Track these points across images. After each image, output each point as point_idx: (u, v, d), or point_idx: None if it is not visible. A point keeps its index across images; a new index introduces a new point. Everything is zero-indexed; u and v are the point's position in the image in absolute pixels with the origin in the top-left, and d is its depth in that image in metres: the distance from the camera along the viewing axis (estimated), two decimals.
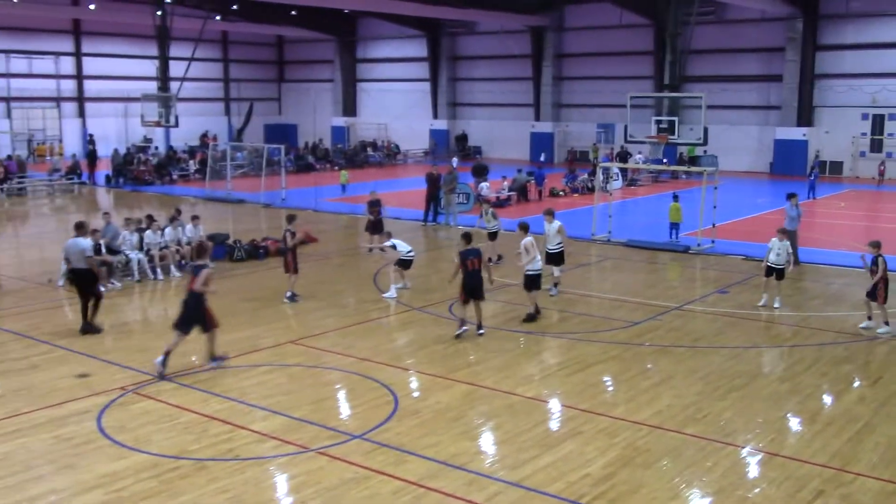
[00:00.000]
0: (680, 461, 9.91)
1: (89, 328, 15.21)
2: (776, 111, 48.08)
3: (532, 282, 16.23)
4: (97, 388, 12.25)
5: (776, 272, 17.24)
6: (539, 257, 16.30)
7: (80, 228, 15.88)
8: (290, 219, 18.15)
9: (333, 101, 66.32)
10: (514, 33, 55.70)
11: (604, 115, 52.82)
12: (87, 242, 15.53)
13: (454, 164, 36.58)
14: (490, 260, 20.75)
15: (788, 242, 17.52)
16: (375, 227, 22.73)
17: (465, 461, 9.85)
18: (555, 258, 18.14)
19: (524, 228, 16.32)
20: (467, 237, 15.34)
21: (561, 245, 18.08)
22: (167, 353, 12.81)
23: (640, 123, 30.36)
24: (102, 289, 18.43)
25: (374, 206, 23.18)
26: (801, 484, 9.31)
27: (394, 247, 18.38)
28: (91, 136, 51.54)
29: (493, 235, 21.50)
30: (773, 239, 17.40)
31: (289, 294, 17.69)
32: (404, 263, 18.47)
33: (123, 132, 55.44)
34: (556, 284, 18.31)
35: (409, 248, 18.65)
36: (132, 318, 16.49)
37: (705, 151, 43.97)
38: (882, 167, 43.57)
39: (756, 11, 46.05)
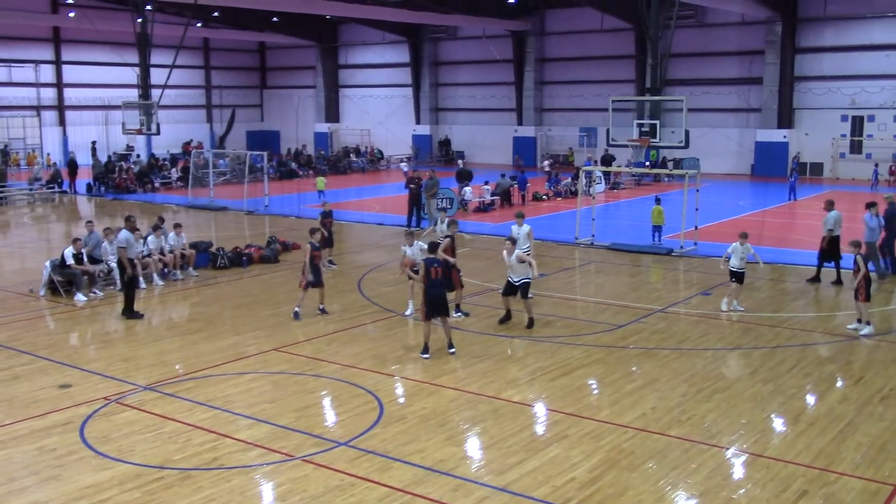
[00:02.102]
0: (665, 463, 9.94)
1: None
2: (756, 113, 48.42)
3: (512, 289, 16.09)
4: (80, 398, 12.16)
5: (736, 276, 17.21)
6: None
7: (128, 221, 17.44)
8: (313, 232, 17.22)
9: (316, 108, 66.24)
10: (495, 38, 55.84)
11: (586, 118, 53.03)
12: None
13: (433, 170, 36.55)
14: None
15: (750, 247, 17.20)
16: (328, 240, 22.17)
17: (451, 467, 9.85)
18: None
19: (513, 242, 16.10)
20: (433, 246, 15.14)
21: (529, 248, 17.58)
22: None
23: (622, 127, 30.50)
24: (84, 298, 18.44)
25: (327, 217, 22.31)
26: (786, 484, 9.36)
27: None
28: (94, 143, 51.33)
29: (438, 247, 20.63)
30: (735, 244, 17.24)
31: (321, 307, 17.12)
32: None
33: (104, 140, 55.14)
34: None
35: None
36: (114, 328, 16.39)
37: (674, 161, 44.23)
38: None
39: (736, 15, 46.40)
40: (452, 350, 14.29)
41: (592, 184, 33.80)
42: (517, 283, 15.91)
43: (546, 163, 50.43)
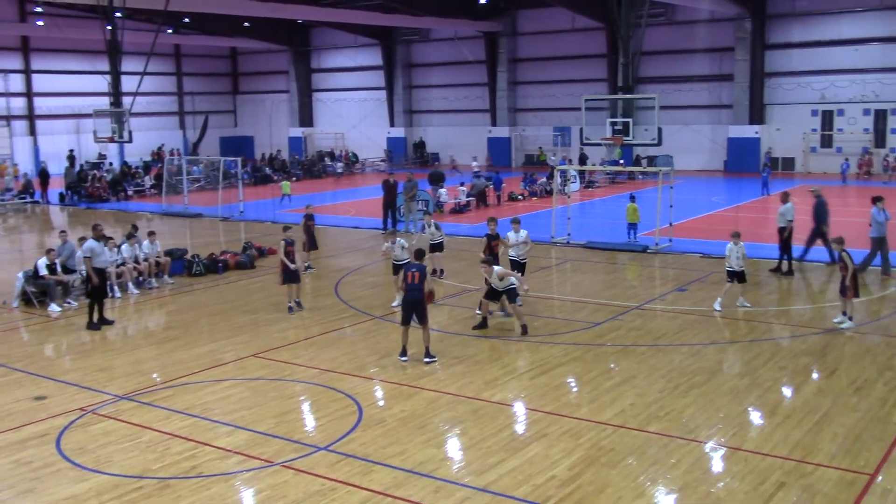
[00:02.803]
0: (644, 459, 10.00)
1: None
2: (728, 110, 48.84)
3: (499, 294, 15.96)
4: (55, 409, 12.04)
5: (737, 276, 17.17)
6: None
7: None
8: (285, 229, 18.43)
9: (290, 112, 66.03)
10: (467, 39, 55.95)
11: (560, 118, 53.24)
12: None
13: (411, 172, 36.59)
14: (434, 272, 20.62)
15: (743, 245, 17.16)
16: (311, 243, 22.38)
17: (432, 468, 9.85)
18: (520, 267, 17.51)
19: (489, 263, 15.70)
20: (419, 253, 15.21)
21: (524, 254, 17.58)
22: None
23: (595, 126, 30.60)
24: (58, 308, 18.26)
25: (310, 219, 22.60)
26: (764, 476, 9.45)
27: (392, 246, 18.12)
28: (71, 150, 50.87)
29: (438, 247, 20.68)
30: (729, 244, 17.17)
31: (297, 300, 17.95)
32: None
33: (76, 149, 54.65)
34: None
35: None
36: (89, 338, 16.24)
37: (648, 159, 44.48)
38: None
39: (705, 12, 46.72)
40: (428, 360, 13.89)
41: (567, 183, 33.94)
42: (502, 291, 15.75)
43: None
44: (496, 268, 15.58)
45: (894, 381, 12.65)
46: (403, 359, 14.06)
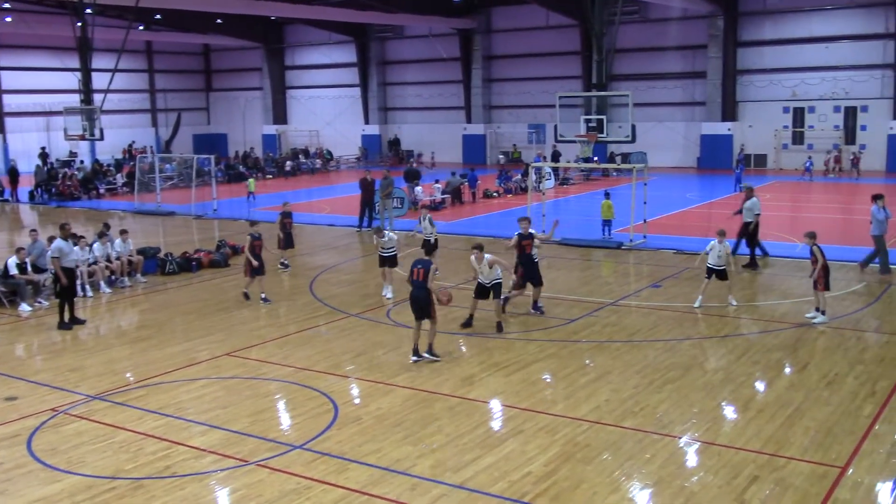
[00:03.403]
0: (619, 454, 10.05)
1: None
2: (701, 107, 49.21)
3: (484, 292, 15.70)
4: (26, 410, 11.89)
5: (717, 273, 17.21)
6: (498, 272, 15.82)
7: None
8: (253, 223, 19.28)
9: (263, 109, 65.67)
10: (442, 36, 55.92)
11: (535, 115, 53.38)
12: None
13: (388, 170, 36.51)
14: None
15: (728, 244, 17.16)
16: (288, 241, 22.13)
17: (408, 466, 9.83)
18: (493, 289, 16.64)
19: (480, 248, 15.60)
20: (427, 246, 15.53)
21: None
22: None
23: (570, 123, 30.69)
24: (29, 308, 18.05)
25: (287, 217, 22.29)
26: (737, 470, 9.52)
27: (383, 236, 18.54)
28: (43, 148, 50.39)
29: (431, 245, 20.36)
30: (713, 241, 17.17)
31: (262, 295, 18.33)
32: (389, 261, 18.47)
33: (47, 147, 54.04)
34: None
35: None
36: (61, 337, 16.06)
37: (622, 156, 44.69)
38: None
39: (678, 10, 47.06)
40: (415, 359, 13.76)
41: (542, 180, 34.02)
42: (489, 285, 15.61)
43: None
44: (487, 255, 15.44)
45: (865, 375, 12.80)
46: (414, 358, 13.79)
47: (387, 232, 18.98)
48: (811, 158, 44.27)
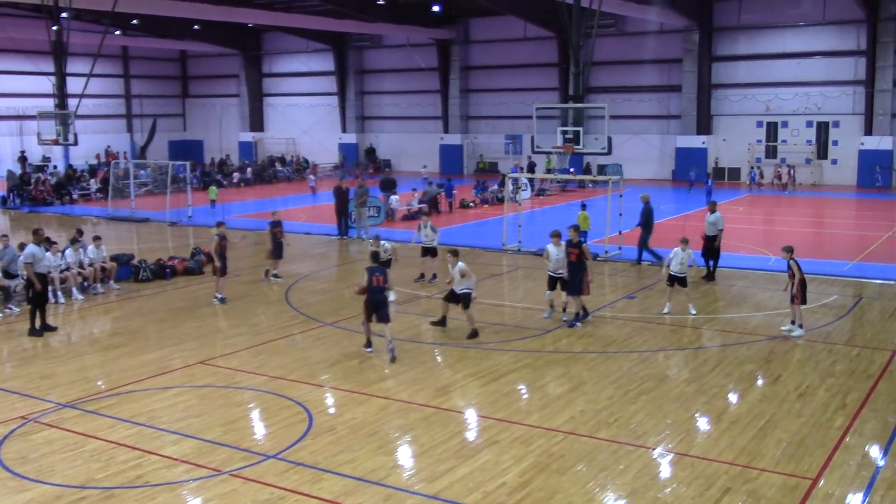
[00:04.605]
0: (594, 465, 10.08)
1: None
2: (676, 120, 49.64)
3: (455, 298, 16.07)
4: None
5: (678, 280, 17.57)
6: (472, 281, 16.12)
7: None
8: (219, 224, 19.56)
9: (240, 117, 65.42)
10: (420, 46, 56.03)
11: (512, 126, 53.57)
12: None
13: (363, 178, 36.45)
14: (427, 276, 20.88)
15: (691, 252, 17.61)
16: (277, 250, 21.74)
17: (382, 476, 9.80)
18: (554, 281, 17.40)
19: (455, 254, 16.14)
20: (375, 256, 15.82)
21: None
22: None
23: (546, 134, 30.85)
24: (15, 310, 17.82)
25: (277, 226, 21.88)
26: (710, 482, 9.58)
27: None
28: (22, 152, 49.85)
29: (431, 252, 20.67)
30: (676, 249, 17.52)
31: (218, 296, 18.63)
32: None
33: (19, 151, 53.52)
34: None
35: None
36: (32, 344, 15.86)
37: (598, 167, 44.98)
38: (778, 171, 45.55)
39: (654, 24, 47.49)
40: (391, 346, 14.36)
41: (518, 190, 34.13)
42: (459, 293, 15.89)
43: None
44: (460, 263, 15.88)
45: (836, 387, 12.94)
46: (368, 349, 14.78)
47: (383, 242, 19.25)
48: (754, 169, 45.14)
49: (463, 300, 15.87)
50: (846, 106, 45.23)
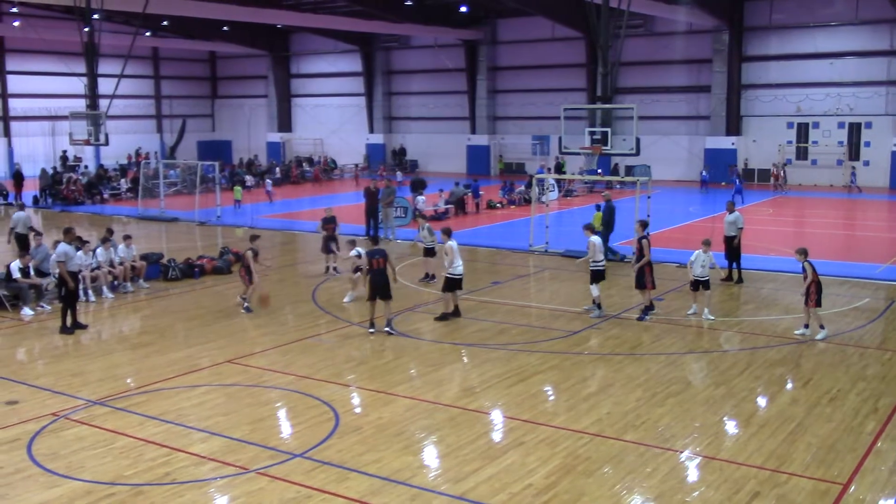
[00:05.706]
0: (620, 468, 10.02)
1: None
2: (705, 121, 49.23)
3: (454, 284, 17.08)
4: (27, 414, 11.89)
5: (702, 284, 17.40)
6: (460, 262, 17.07)
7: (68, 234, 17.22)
8: (253, 238, 19.32)
9: (268, 117, 65.79)
10: (447, 47, 56.03)
11: (539, 126, 53.41)
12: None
13: (398, 178, 36.57)
14: (427, 276, 21.04)
15: (712, 255, 17.50)
16: (328, 244, 22.27)
17: (408, 476, 9.81)
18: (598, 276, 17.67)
19: (448, 233, 17.47)
20: (374, 239, 17.21)
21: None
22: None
23: (574, 135, 30.73)
24: (31, 312, 18.03)
25: (330, 223, 22.59)
26: (739, 486, 9.49)
27: (359, 255, 18.43)
28: (64, 151, 50.59)
29: (429, 252, 21.11)
30: (698, 251, 17.38)
31: (246, 304, 18.45)
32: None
33: (51, 151, 54.20)
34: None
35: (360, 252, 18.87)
36: (63, 342, 16.06)
37: (626, 168, 44.72)
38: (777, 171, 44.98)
39: (683, 24, 47.10)
40: (388, 328, 15.97)
41: (546, 191, 34.03)
42: (456, 277, 17.18)
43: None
44: (450, 241, 17.11)
45: (867, 391, 12.77)
46: (371, 330, 16.01)
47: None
48: (735, 168, 45.19)
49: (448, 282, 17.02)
50: (878, 107, 44.63)
